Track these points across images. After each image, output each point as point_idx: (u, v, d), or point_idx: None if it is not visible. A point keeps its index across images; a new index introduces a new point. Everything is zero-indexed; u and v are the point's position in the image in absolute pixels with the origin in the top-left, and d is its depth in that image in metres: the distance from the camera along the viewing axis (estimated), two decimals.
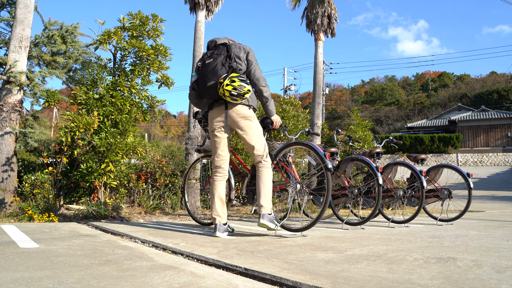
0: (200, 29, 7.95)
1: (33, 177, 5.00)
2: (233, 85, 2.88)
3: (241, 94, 2.89)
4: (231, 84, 2.87)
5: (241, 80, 2.90)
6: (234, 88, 2.87)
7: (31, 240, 2.76)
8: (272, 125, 3.27)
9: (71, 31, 7.13)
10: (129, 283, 1.60)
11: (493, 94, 47.73)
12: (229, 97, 2.89)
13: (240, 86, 2.88)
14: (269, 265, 1.94)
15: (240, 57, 3.07)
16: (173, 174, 6.83)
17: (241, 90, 2.88)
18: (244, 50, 3.14)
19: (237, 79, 2.88)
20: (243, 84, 2.89)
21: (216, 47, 3.15)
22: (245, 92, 2.90)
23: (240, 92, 2.88)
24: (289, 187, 3.22)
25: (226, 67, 2.98)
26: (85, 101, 5.79)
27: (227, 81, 2.88)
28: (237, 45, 3.16)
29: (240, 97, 2.91)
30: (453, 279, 1.66)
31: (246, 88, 2.90)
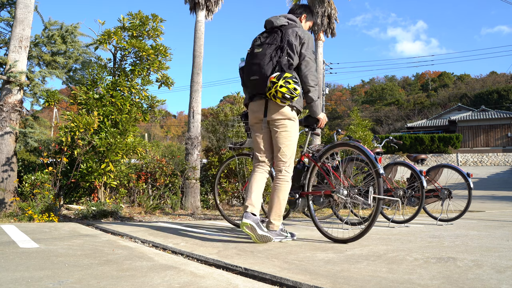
0: (200, 29, 7.95)
1: (33, 177, 5.00)
2: (288, 87, 2.55)
3: (292, 98, 2.59)
4: (286, 86, 2.55)
5: (295, 83, 2.58)
6: (288, 90, 2.56)
7: (31, 240, 2.76)
8: (318, 124, 2.95)
9: (71, 31, 7.13)
10: (129, 283, 1.60)
11: (493, 94, 47.73)
12: (279, 99, 2.59)
13: (294, 89, 2.57)
14: (269, 265, 1.94)
15: (294, 47, 2.68)
16: (173, 174, 6.83)
17: (294, 94, 2.57)
18: (300, 39, 2.71)
19: (291, 81, 2.56)
20: (297, 87, 2.58)
21: (271, 31, 2.77)
22: (296, 95, 2.60)
23: (292, 96, 2.58)
24: (335, 193, 2.88)
25: (273, 62, 2.65)
26: (85, 101, 5.79)
27: (282, 81, 2.55)
28: (294, 31, 2.72)
29: (290, 100, 2.61)
30: (453, 279, 1.66)
31: (298, 91, 2.60)
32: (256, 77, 2.67)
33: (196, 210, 6.50)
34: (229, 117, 9.03)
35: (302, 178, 3.09)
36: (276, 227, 2.76)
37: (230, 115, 9.09)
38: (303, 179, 3.07)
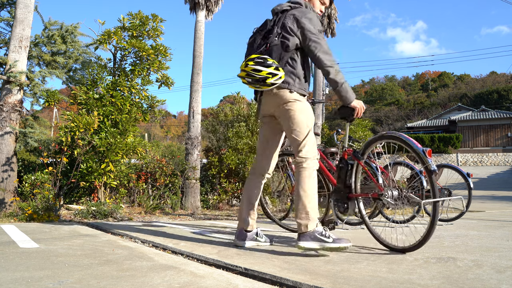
0: (200, 29, 7.95)
1: (33, 177, 5.01)
2: (245, 70, 2.29)
3: (258, 81, 2.26)
4: (243, 70, 2.30)
5: (257, 63, 2.26)
6: (247, 74, 2.28)
7: (31, 240, 2.76)
8: (354, 113, 2.44)
9: (71, 31, 7.13)
10: (129, 283, 1.60)
11: (493, 94, 47.73)
12: (247, 84, 2.33)
13: (254, 70, 2.25)
14: (269, 265, 1.94)
15: (289, 28, 2.36)
16: (173, 174, 6.83)
17: (256, 76, 2.25)
18: (298, 21, 2.37)
19: (251, 62, 2.27)
20: (258, 67, 2.25)
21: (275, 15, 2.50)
22: (263, 77, 2.25)
23: (254, 78, 2.26)
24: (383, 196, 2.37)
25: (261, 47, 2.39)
26: (85, 101, 5.79)
27: (242, 65, 2.32)
28: (291, 13, 2.41)
29: (259, 84, 2.27)
30: (453, 279, 1.66)
31: (264, 72, 2.24)
32: None
33: (196, 210, 6.50)
34: (229, 117, 9.03)
35: (348, 178, 2.61)
36: (305, 227, 2.21)
37: (230, 115, 9.09)
38: (349, 179, 2.60)
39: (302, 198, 2.24)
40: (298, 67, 2.41)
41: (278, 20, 2.42)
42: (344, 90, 2.37)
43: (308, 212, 2.21)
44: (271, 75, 2.26)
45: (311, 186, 2.26)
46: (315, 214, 2.23)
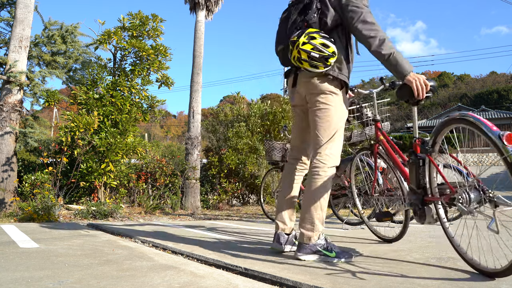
0: (200, 29, 7.95)
1: (33, 177, 5.01)
2: (312, 43, 1.95)
3: (324, 58, 1.96)
4: (310, 42, 1.95)
5: (324, 37, 1.97)
6: (314, 48, 1.95)
7: (31, 240, 2.76)
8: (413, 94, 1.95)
9: (71, 31, 7.13)
10: (129, 283, 1.60)
11: (493, 94, 47.74)
12: (307, 62, 1.97)
13: (323, 45, 1.95)
14: (269, 265, 1.94)
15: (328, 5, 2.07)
16: (173, 174, 6.83)
17: (324, 51, 1.95)
18: None
19: (317, 35, 1.96)
20: (326, 42, 1.96)
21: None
22: (329, 55, 1.96)
23: (323, 54, 1.95)
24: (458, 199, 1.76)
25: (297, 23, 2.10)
26: (85, 101, 5.79)
27: (304, 38, 1.96)
28: None
29: (322, 63, 1.97)
30: (453, 279, 1.66)
31: (332, 49, 1.97)
32: (282, 46, 2.18)
33: (196, 210, 6.50)
34: (229, 117, 9.04)
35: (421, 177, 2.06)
36: (307, 238, 2.04)
37: (230, 115, 9.10)
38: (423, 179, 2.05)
39: (311, 208, 2.05)
40: (339, 49, 2.09)
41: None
42: (393, 61, 1.94)
43: (314, 224, 2.04)
44: (335, 54, 1.99)
45: (323, 196, 2.06)
46: (321, 226, 2.06)
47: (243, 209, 7.03)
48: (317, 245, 2.04)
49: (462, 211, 1.73)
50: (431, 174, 2.06)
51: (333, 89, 2.09)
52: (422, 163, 2.08)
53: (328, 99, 2.09)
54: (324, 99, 2.09)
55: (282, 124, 8.09)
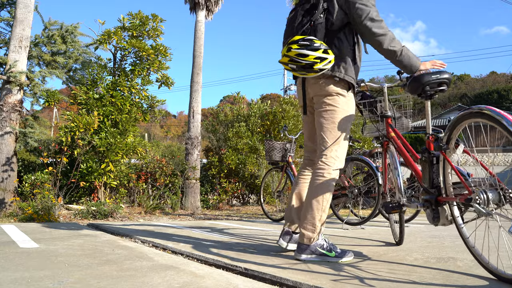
0: (200, 29, 7.95)
1: (33, 177, 5.01)
2: (289, 55, 1.96)
3: (304, 67, 1.95)
4: (286, 55, 1.97)
5: (302, 46, 1.94)
6: (290, 59, 1.96)
7: (31, 240, 2.76)
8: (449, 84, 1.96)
9: (71, 31, 7.13)
10: (129, 283, 1.60)
11: (493, 94, 47.74)
12: (292, 71, 2.04)
13: (299, 55, 1.94)
14: (269, 265, 1.94)
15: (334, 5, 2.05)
16: (173, 174, 6.83)
17: (301, 61, 1.93)
18: None
19: (295, 46, 1.95)
20: (303, 51, 1.93)
21: None
22: (310, 62, 1.93)
23: (299, 64, 1.94)
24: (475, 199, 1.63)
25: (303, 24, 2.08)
26: (85, 101, 5.79)
27: (284, 49, 2.00)
28: None
29: (306, 71, 1.96)
30: (453, 279, 1.66)
31: (312, 56, 1.92)
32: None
33: (196, 210, 6.50)
34: (229, 117, 9.04)
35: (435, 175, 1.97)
36: (308, 239, 2.03)
37: (230, 115, 9.10)
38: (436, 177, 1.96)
39: (313, 209, 2.03)
40: (346, 49, 2.08)
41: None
42: (406, 57, 1.98)
43: (315, 225, 2.02)
44: (319, 59, 1.94)
45: (326, 198, 2.05)
46: (322, 227, 2.05)
47: (243, 209, 7.03)
48: (317, 245, 2.04)
49: (480, 213, 1.61)
50: (445, 172, 1.95)
51: (339, 91, 2.08)
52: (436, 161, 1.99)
53: (335, 101, 2.08)
54: (330, 101, 2.08)
55: (282, 124, 8.09)
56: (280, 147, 4.68)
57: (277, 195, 5.04)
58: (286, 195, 5.48)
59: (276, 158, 4.68)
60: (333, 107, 2.08)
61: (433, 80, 1.94)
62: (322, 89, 2.09)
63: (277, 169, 4.96)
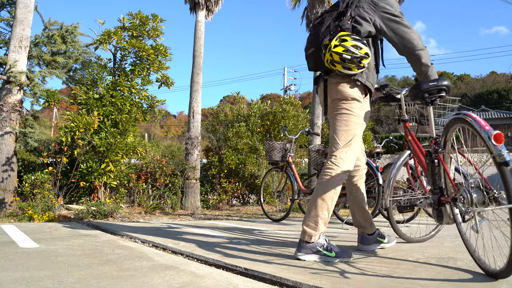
0: (200, 29, 7.95)
1: (33, 177, 5.01)
2: (344, 46, 2.00)
3: (357, 59, 2.01)
4: (341, 45, 2.01)
5: (355, 39, 2.02)
6: (346, 50, 2.00)
7: (31, 240, 2.76)
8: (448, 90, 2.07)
9: (71, 31, 7.13)
10: (129, 283, 1.60)
11: (493, 94, 47.73)
12: (340, 64, 2.03)
13: (355, 46, 2.01)
14: (269, 264, 1.94)
15: (363, 12, 2.14)
16: (173, 174, 6.83)
17: (356, 53, 2.01)
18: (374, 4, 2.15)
19: (349, 38, 2.02)
20: (358, 44, 2.02)
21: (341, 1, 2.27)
22: (362, 56, 2.02)
23: (355, 55, 2.00)
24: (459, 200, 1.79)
25: (331, 28, 2.13)
26: (85, 101, 5.79)
27: (335, 41, 2.02)
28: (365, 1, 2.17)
29: (355, 64, 2.02)
30: (453, 279, 1.66)
31: (364, 50, 2.02)
32: (313, 49, 2.18)
33: (196, 210, 6.50)
34: (229, 117, 9.04)
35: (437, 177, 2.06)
36: (309, 237, 2.06)
37: (230, 115, 9.10)
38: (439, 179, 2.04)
39: (317, 207, 2.06)
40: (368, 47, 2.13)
41: (351, 3, 2.18)
42: (434, 71, 2.11)
43: (317, 223, 2.05)
44: (368, 56, 2.04)
45: (332, 198, 2.08)
46: (323, 227, 2.07)
47: (243, 209, 7.03)
48: (318, 245, 2.06)
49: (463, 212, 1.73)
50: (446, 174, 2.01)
51: (358, 96, 2.16)
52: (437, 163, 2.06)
53: (351, 105, 2.15)
54: (347, 105, 2.15)
55: (282, 124, 8.09)
56: (280, 147, 4.68)
57: (277, 195, 5.04)
58: (286, 195, 5.48)
59: (276, 158, 4.68)
60: (349, 111, 2.15)
61: (432, 87, 2.02)
62: (339, 92, 2.15)
63: (277, 169, 4.96)
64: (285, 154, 4.64)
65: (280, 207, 5.96)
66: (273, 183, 6.37)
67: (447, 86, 2.03)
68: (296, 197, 4.51)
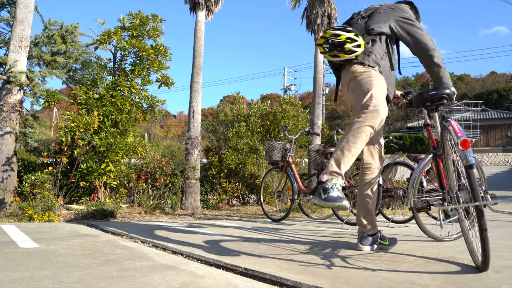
0: (200, 29, 7.94)
1: (33, 177, 5.01)
2: (325, 37, 2.22)
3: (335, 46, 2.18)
4: (323, 36, 2.24)
5: (337, 29, 2.22)
6: (325, 40, 2.21)
7: (31, 240, 2.76)
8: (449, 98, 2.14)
9: (71, 31, 7.13)
10: (129, 283, 1.60)
11: (493, 94, 47.71)
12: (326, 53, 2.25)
13: (333, 35, 2.19)
14: (269, 264, 1.94)
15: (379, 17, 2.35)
16: (173, 174, 6.83)
17: (334, 40, 2.17)
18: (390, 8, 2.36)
19: (331, 29, 2.24)
20: (337, 32, 2.20)
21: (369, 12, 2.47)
22: (340, 41, 2.17)
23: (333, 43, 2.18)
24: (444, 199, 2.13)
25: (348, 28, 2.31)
26: (85, 101, 5.79)
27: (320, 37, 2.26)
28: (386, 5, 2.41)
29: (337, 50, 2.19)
30: (453, 279, 1.66)
31: (344, 35, 2.17)
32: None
33: (196, 210, 6.50)
34: (229, 117, 9.04)
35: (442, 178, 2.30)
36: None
37: (230, 115, 9.10)
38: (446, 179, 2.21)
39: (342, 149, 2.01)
40: (377, 50, 2.29)
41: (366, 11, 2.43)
42: (447, 74, 2.19)
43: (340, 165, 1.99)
44: (350, 40, 2.17)
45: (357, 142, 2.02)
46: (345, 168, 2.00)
47: (243, 209, 7.03)
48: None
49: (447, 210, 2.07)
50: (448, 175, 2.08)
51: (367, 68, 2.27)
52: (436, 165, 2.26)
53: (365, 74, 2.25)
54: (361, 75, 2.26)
55: (282, 124, 8.09)
56: (280, 147, 4.68)
57: (277, 195, 5.04)
58: (286, 195, 5.48)
59: (276, 158, 4.68)
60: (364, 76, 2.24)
61: (433, 96, 2.13)
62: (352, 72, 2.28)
63: (277, 169, 4.96)
64: (285, 154, 4.64)
65: (280, 207, 5.96)
66: (273, 183, 6.37)
67: (448, 94, 2.09)
68: (296, 197, 4.51)
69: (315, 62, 9.82)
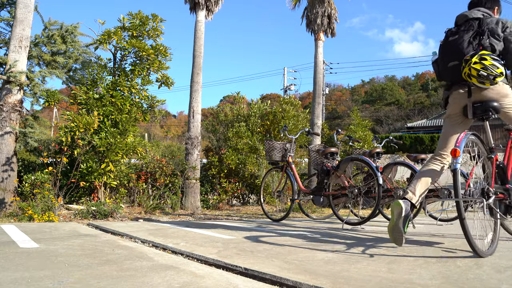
0: (200, 29, 7.94)
1: (33, 177, 5.00)
2: (483, 63, 2.33)
3: (491, 76, 2.35)
4: (481, 62, 2.34)
5: (494, 59, 2.35)
6: (484, 67, 2.34)
7: (31, 240, 2.76)
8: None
9: (71, 31, 7.13)
10: (129, 283, 1.60)
11: None
12: (475, 78, 2.37)
13: (492, 66, 2.33)
14: (269, 264, 1.94)
15: (497, 34, 2.49)
16: (173, 174, 6.83)
17: (493, 71, 2.33)
18: (503, 25, 2.54)
19: (488, 57, 2.35)
20: (496, 64, 2.34)
21: (465, 22, 2.63)
22: (496, 74, 2.35)
23: (490, 73, 2.33)
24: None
25: (473, 45, 2.49)
26: (85, 101, 5.79)
27: (476, 58, 2.36)
28: (493, 19, 2.56)
29: (489, 81, 2.37)
30: (453, 279, 1.65)
31: (500, 69, 2.34)
32: (456, 62, 2.52)
33: (196, 210, 6.50)
34: (229, 117, 9.04)
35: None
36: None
37: (230, 115, 9.10)
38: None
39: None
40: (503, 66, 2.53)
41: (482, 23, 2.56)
42: None
43: None
44: (502, 75, 2.38)
45: None
46: None
47: (243, 209, 7.03)
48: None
49: None
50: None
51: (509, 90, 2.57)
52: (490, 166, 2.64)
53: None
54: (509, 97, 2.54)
55: (282, 124, 8.09)
56: (280, 147, 4.68)
57: (277, 195, 5.04)
58: (286, 195, 5.48)
59: (276, 158, 4.68)
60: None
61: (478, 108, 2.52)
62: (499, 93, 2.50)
63: (277, 169, 4.96)
64: (285, 154, 4.64)
65: (280, 207, 5.96)
66: (273, 183, 6.37)
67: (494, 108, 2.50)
68: (296, 197, 4.51)
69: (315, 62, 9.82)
